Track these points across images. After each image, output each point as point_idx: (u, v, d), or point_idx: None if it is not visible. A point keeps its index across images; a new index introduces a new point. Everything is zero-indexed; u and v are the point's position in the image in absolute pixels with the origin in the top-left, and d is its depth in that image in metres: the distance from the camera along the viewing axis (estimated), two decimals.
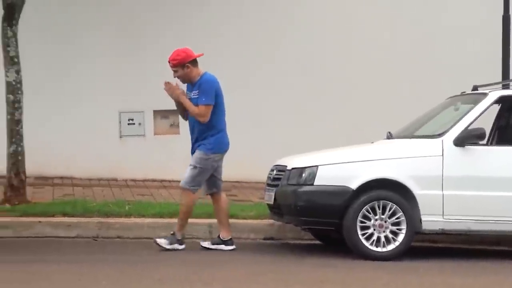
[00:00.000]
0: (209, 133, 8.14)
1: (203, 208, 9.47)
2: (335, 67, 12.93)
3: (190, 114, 8.15)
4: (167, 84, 8.16)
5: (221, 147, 8.19)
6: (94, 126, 12.65)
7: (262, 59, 12.54)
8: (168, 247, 7.93)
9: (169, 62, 8.17)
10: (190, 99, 8.16)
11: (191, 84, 8.22)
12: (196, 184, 8.09)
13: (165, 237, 8.04)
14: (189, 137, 8.35)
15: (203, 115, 8.04)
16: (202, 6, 12.96)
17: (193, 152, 8.25)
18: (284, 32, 12.98)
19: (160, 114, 13.00)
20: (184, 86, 8.27)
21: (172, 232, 8.08)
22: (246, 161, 11.54)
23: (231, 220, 8.84)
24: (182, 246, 8.04)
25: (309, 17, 13.08)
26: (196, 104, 8.07)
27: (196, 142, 8.22)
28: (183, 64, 8.09)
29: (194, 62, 8.17)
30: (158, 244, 7.94)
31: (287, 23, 12.98)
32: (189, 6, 12.92)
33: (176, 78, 8.20)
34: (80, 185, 11.77)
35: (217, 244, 8.20)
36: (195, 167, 8.08)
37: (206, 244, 8.27)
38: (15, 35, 9.74)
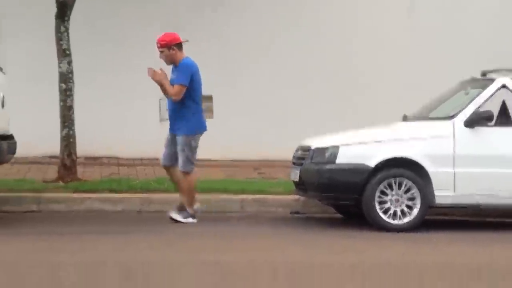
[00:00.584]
0: (184, 114, 8.12)
1: (236, 185, 9.53)
2: (356, 52, 12.74)
3: (167, 95, 8.12)
4: (150, 69, 8.11)
5: (199, 128, 8.24)
6: (137, 112, 12.65)
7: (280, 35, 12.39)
8: (184, 220, 7.84)
9: (157, 42, 8.15)
10: (171, 80, 8.09)
11: (175, 67, 8.17)
12: (191, 164, 8.08)
13: (179, 212, 7.94)
14: (224, 120, 8.28)
15: (175, 94, 8.01)
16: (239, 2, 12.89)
17: (172, 130, 8.27)
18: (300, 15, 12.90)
19: None
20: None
21: (181, 207, 7.98)
22: (274, 141, 11.53)
23: (262, 196, 8.87)
24: (195, 220, 7.93)
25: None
26: (173, 85, 8.03)
27: (174, 122, 8.23)
28: (169, 46, 8.08)
29: (179, 45, 8.16)
30: (173, 218, 7.86)
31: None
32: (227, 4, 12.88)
33: (161, 58, 8.16)
34: (125, 164, 11.79)
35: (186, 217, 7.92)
36: (183, 150, 8.06)
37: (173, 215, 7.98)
38: (67, 30, 9.75)
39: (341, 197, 7.97)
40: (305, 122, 11.03)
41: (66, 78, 9.77)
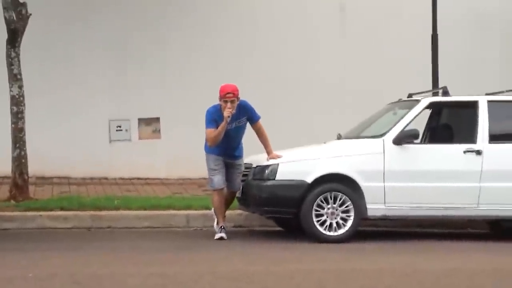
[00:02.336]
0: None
1: (181, 201, 9.52)
2: (294, 79, 12.97)
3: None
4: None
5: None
6: (87, 133, 12.56)
7: (231, 70, 12.52)
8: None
9: (228, 93, 7.69)
10: (233, 127, 7.88)
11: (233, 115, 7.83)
12: (211, 182, 8.11)
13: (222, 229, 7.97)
14: (168, 141, 8.11)
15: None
16: (181, 22, 12.92)
17: (229, 157, 8.05)
18: (249, 41, 13.03)
19: (143, 121, 12.96)
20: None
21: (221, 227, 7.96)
22: None
23: (207, 211, 8.83)
24: (219, 235, 7.93)
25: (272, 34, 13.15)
26: (241, 130, 8.02)
27: (235, 150, 8.11)
28: (238, 96, 7.81)
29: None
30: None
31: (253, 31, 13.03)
32: (169, 24, 12.90)
33: (229, 109, 7.67)
34: (75, 183, 11.67)
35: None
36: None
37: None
38: (17, 55, 9.66)
39: (281, 211, 7.96)
40: (248, 142, 11.10)
41: (17, 102, 9.65)
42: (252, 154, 8.50)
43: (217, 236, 7.91)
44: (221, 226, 7.98)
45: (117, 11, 12.72)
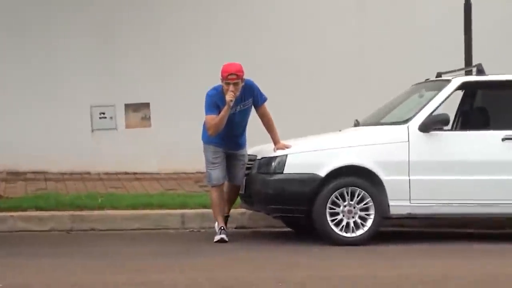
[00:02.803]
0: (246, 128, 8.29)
1: (176, 199, 9.54)
2: (305, 59, 13.00)
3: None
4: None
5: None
6: (66, 121, 12.61)
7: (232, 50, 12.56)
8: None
9: (231, 74, 7.78)
10: (237, 111, 7.98)
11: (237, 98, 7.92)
12: (208, 177, 8.23)
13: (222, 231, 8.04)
14: (160, 130, 8.21)
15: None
16: (171, 8, 12.96)
17: (231, 147, 8.14)
18: (257, 27, 13.04)
19: (131, 107, 13.00)
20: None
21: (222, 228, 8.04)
22: None
23: (205, 210, 8.89)
24: (220, 237, 7.99)
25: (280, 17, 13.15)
26: (246, 115, 8.11)
27: (238, 139, 8.21)
28: (242, 77, 7.90)
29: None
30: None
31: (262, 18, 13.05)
32: (158, 7, 12.94)
33: (232, 91, 7.75)
34: (53, 179, 11.73)
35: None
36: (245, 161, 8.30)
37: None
38: None
39: (290, 210, 8.00)
40: (251, 130, 11.12)
41: None
42: (256, 144, 8.54)
43: (217, 238, 7.97)
44: (221, 227, 8.05)
45: None
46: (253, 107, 8.14)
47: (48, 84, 12.61)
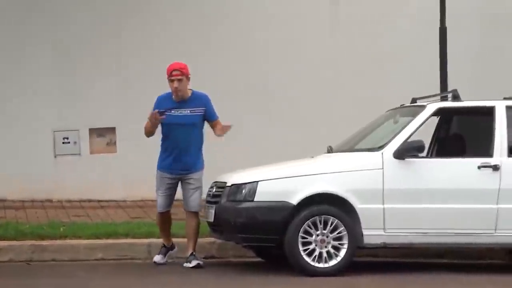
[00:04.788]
0: (200, 148, 8.45)
1: (142, 228, 9.49)
2: (276, 85, 13.07)
3: (222, 132, 8.39)
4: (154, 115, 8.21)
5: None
6: (27, 146, 12.58)
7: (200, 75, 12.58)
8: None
9: (174, 69, 8.20)
10: (180, 115, 8.24)
11: (181, 99, 8.25)
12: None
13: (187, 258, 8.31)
14: (126, 156, 8.31)
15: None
16: (135, 26, 12.99)
17: (179, 169, 8.30)
18: (227, 51, 13.09)
19: (96, 132, 12.98)
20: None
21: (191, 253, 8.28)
22: None
23: (172, 239, 8.83)
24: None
25: (252, 37, 13.21)
26: (194, 123, 8.27)
27: (184, 158, 8.29)
28: (187, 75, 8.26)
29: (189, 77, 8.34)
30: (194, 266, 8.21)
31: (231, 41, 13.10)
32: (123, 25, 12.96)
33: (176, 87, 8.17)
34: (13, 207, 11.64)
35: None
36: (201, 188, 8.39)
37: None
38: None
39: (261, 239, 7.96)
40: (217, 157, 11.14)
41: None
42: (226, 171, 8.56)
43: (154, 259, 8.45)
44: (162, 246, 8.51)
45: (65, 10, 12.84)
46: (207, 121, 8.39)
47: (8, 107, 12.57)
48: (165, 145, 8.45)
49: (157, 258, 8.48)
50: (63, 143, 12.92)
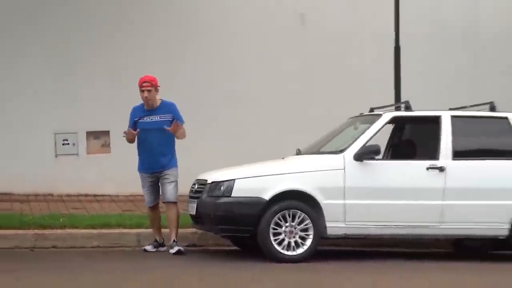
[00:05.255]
0: (172, 149, 8.40)
1: (132, 219, 9.44)
2: (253, 97, 13.03)
3: (182, 136, 8.31)
4: (129, 132, 8.39)
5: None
6: (31, 146, 12.49)
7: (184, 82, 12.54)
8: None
9: (145, 81, 8.30)
10: (150, 122, 8.36)
11: (151, 108, 8.34)
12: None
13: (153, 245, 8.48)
14: (119, 156, 8.28)
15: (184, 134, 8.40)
16: (132, 34, 12.92)
17: (155, 168, 8.34)
18: (205, 54, 13.04)
19: (92, 135, 12.89)
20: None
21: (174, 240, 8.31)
22: None
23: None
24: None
25: (231, 52, 13.17)
26: (163, 128, 8.23)
27: (157, 158, 8.33)
28: (156, 86, 8.32)
29: (157, 88, 8.40)
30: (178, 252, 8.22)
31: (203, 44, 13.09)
32: (119, 32, 12.90)
33: (145, 96, 8.29)
34: (18, 200, 11.54)
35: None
36: (176, 181, 8.36)
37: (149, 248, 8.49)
38: None
39: (237, 230, 7.93)
40: (200, 156, 11.12)
41: None
42: (206, 170, 8.52)
43: (145, 247, 8.47)
44: (154, 240, 8.50)
45: (63, 17, 12.70)
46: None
47: (15, 112, 12.48)
48: (140, 148, 8.52)
49: (148, 247, 8.46)
50: (63, 144, 12.83)
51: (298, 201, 7.84)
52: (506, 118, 8.49)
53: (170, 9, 13.08)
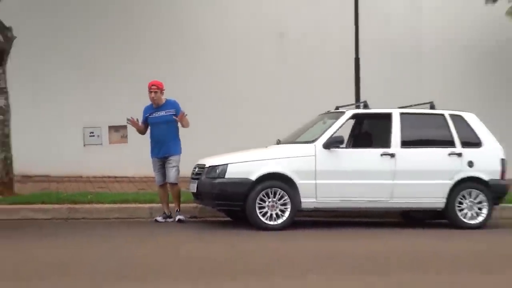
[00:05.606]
0: (175, 139, 8.43)
1: (145, 196, 9.47)
2: (243, 97, 12.94)
3: (186, 125, 8.38)
4: (132, 120, 8.60)
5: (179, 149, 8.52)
6: (64, 138, 12.47)
7: (184, 88, 12.54)
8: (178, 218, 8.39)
9: (153, 85, 8.43)
10: (157, 117, 8.44)
11: (158, 105, 8.45)
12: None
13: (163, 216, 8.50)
14: (134, 145, 8.27)
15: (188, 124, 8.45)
16: (143, 49, 12.87)
17: (162, 154, 8.40)
18: (201, 65, 12.93)
19: (113, 128, 12.83)
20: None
21: (176, 212, 8.40)
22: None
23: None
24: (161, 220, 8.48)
25: (223, 59, 13.10)
26: (168, 121, 8.36)
27: (164, 146, 8.38)
28: (162, 89, 8.42)
29: (163, 91, 8.52)
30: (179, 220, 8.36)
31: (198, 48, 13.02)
32: (133, 47, 12.84)
33: (153, 97, 8.41)
34: (55, 181, 11.52)
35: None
36: (177, 166, 8.38)
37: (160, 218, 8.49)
38: (4, 72, 9.53)
39: (230, 204, 7.96)
40: (200, 145, 11.11)
41: (3, 111, 9.51)
42: (205, 157, 8.53)
43: (156, 218, 8.46)
44: (164, 212, 8.45)
45: (87, 36, 12.63)
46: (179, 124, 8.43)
47: (52, 111, 12.49)
48: (151, 138, 8.60)
49: (159, 218, 8.48)
50: (89, 136, 12.78)
51: (278, 181, 7.82)
52: (442, 114, 8.55)
53: (176, 31, 12.98)
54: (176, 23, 13.07)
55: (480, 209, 8.35)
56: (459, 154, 8.32)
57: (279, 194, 7.80)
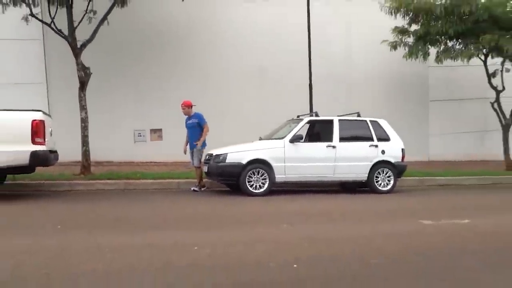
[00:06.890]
0: (198, 137, 8.33)
1: (174, 174, 9.37)
2: (238, 109, 12.68)
3: (205, 134, 8.26)
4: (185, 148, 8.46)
5: (204, 144, 8.35)
6: (122, 137, 12.45)
7: (195, 100, 12.46)
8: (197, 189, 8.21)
9: (184, 104, 8.33)
10: (192, 123, 8.32)
11: (189, 116, 8.41)
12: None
13: (197, 187, 8.28)
14: (167, 142, 8.21)
15: (207, 130, 8.30)
16: (175, 75, 12.67)
17: (191, 147, 8.34)
18: (204, 84, 12.60)
19: (153, 131, 12.88)
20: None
21: (197, 185, 8.25)
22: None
23: (189, 180, 8.74)
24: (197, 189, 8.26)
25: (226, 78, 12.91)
26: (194, 126, 8.30)
27: (193, 141, 8.32)
28: (188, 105, 8.36)
29: (191, 107, 8.41)
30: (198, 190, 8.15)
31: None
32: (166, 72, 12.63)
33: (184, 111, 8.33)
34: (115, 165, 11.44)
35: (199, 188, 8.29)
36: (200, 156, 8.25)
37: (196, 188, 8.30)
38: (84, 96, 9.57)
39: (229, 179, 7.81)
40: (211, 143, 11.15)
41: (84, 120, 9.58)
42: (214, 148, 8.53)
43: (192, 188, 8.26)
44: (196, 185, 8.33)
45: (139, 69, 12.49)
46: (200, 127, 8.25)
47: (113, 119, 12.40)
48: (187, 137, 8.56)
49: (194, 187, 8.27)
50: (138, 136, 12.85)
51: (261, 164, 7.75)
52: (365, 120, 8.62)
53: (196, 68, 12.65)
54: (196, 62, 12.89)
55: (389, 180, 8.50)
56: (376, 146, 8.35)
57: (261, 173, 7.74)
